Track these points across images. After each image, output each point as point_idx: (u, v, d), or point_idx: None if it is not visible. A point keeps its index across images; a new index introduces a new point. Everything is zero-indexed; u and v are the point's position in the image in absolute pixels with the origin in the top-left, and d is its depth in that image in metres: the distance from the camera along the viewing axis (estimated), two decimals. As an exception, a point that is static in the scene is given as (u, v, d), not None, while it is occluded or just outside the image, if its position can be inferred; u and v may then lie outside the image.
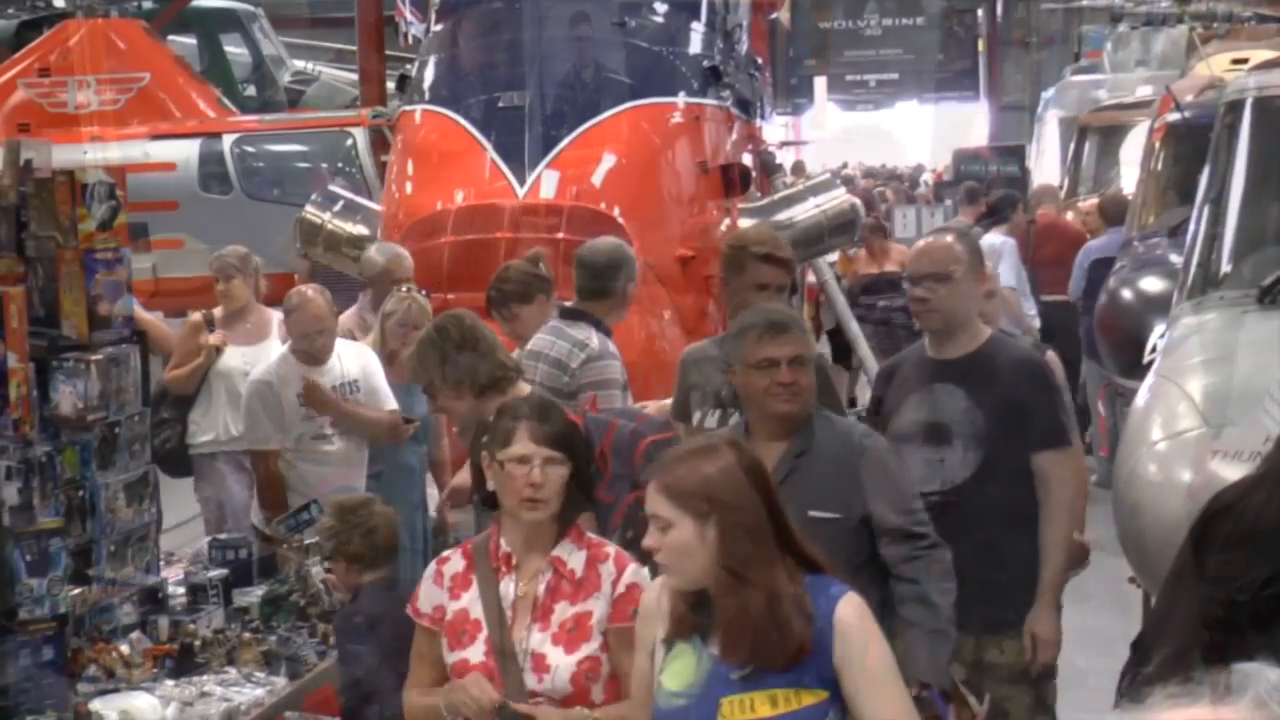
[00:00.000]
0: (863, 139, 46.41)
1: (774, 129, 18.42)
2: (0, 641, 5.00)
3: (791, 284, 6.28)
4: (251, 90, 21.59)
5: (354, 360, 7.82)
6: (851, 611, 3.64)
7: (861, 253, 15.57)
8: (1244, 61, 11.89)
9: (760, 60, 14.21)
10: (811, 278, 13.95)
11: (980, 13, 38.08)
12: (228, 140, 18.20)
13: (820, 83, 37.49)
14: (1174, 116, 11.24)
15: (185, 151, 18.05)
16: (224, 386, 8.90)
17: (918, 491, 5.18)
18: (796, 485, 4.62)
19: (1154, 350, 7.89)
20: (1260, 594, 3.55)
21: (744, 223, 10.87)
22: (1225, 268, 7.78)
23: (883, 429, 5.70)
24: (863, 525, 4.87)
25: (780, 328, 4.93)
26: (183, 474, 9.00)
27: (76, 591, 5.46)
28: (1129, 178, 15.49)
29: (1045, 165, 21.55)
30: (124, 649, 5.55)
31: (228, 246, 9.39)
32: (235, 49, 21.94)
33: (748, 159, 12.02)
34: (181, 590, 6.32)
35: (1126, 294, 10.73)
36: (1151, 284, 10.51)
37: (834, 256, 13.94)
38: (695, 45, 11.35)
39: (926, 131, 47.76)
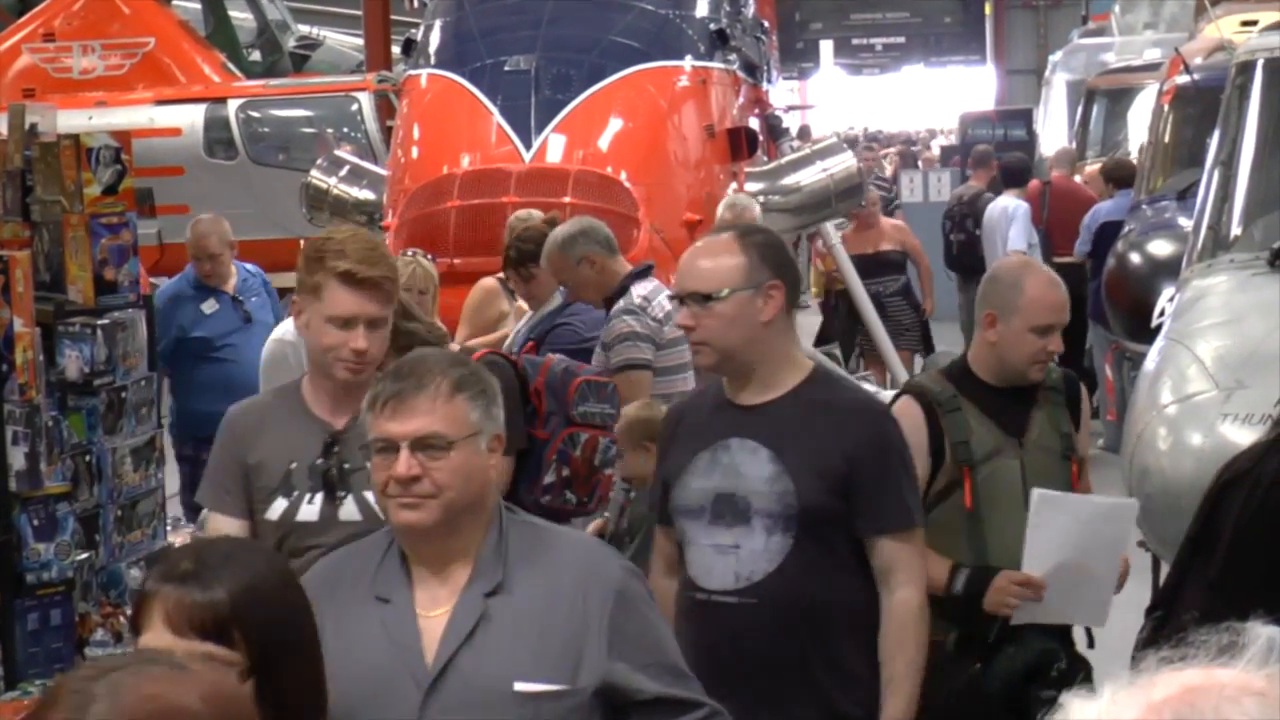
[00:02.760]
0: (870, 103, 46.39)
1: (780, 93, 18.35)
2: (7, 606, 4.99)
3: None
4: (256, 55, 21.54)
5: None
6: None
7: (850, 230, 14.96)
8: (1253, 23, 11.84)
9: (766, 24, 14.16)
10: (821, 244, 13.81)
11: (987, -24, 38.02)
12: (233, 105, 18.15)
13: (826, 46, 37.43)
14: (1183, 79, 11.18)
15: (190, 117, 18.01)
16: None
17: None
18: (491, 642, 3.08)
19: (1163, 314, 7.88)
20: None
21: (750, 186, 10.85)
22: (1235, 230, 7.76)
23: (665, 499, 4.22)
24: (598, 699, 3.16)
25: (406, 387, 3.14)
26: None
27: (84, 556, 5.46)
28: (1137, 141, 15.45)
29: (1053, 129, 21.47)
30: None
31: (521, 211, 8.34)
32: (240, 14, 21.88)
33: (754, 123, 11.98)
34: (189, 555, 6.32)
35: (1135, 257, 10.70)
36: (1160, 247, 10.48)
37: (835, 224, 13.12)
38: (702, 8, 11.30)
39: (933, 96, 47.73)
